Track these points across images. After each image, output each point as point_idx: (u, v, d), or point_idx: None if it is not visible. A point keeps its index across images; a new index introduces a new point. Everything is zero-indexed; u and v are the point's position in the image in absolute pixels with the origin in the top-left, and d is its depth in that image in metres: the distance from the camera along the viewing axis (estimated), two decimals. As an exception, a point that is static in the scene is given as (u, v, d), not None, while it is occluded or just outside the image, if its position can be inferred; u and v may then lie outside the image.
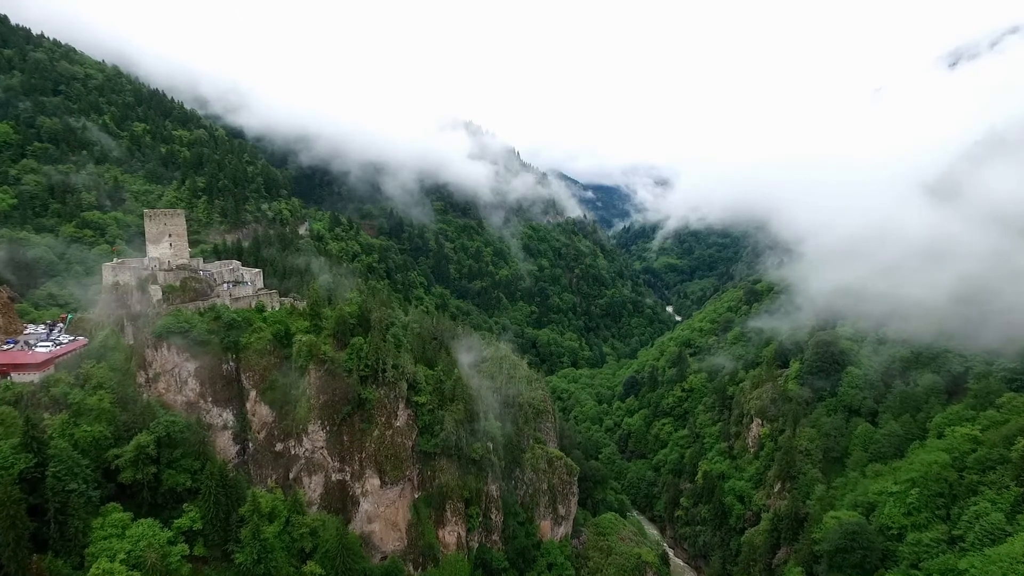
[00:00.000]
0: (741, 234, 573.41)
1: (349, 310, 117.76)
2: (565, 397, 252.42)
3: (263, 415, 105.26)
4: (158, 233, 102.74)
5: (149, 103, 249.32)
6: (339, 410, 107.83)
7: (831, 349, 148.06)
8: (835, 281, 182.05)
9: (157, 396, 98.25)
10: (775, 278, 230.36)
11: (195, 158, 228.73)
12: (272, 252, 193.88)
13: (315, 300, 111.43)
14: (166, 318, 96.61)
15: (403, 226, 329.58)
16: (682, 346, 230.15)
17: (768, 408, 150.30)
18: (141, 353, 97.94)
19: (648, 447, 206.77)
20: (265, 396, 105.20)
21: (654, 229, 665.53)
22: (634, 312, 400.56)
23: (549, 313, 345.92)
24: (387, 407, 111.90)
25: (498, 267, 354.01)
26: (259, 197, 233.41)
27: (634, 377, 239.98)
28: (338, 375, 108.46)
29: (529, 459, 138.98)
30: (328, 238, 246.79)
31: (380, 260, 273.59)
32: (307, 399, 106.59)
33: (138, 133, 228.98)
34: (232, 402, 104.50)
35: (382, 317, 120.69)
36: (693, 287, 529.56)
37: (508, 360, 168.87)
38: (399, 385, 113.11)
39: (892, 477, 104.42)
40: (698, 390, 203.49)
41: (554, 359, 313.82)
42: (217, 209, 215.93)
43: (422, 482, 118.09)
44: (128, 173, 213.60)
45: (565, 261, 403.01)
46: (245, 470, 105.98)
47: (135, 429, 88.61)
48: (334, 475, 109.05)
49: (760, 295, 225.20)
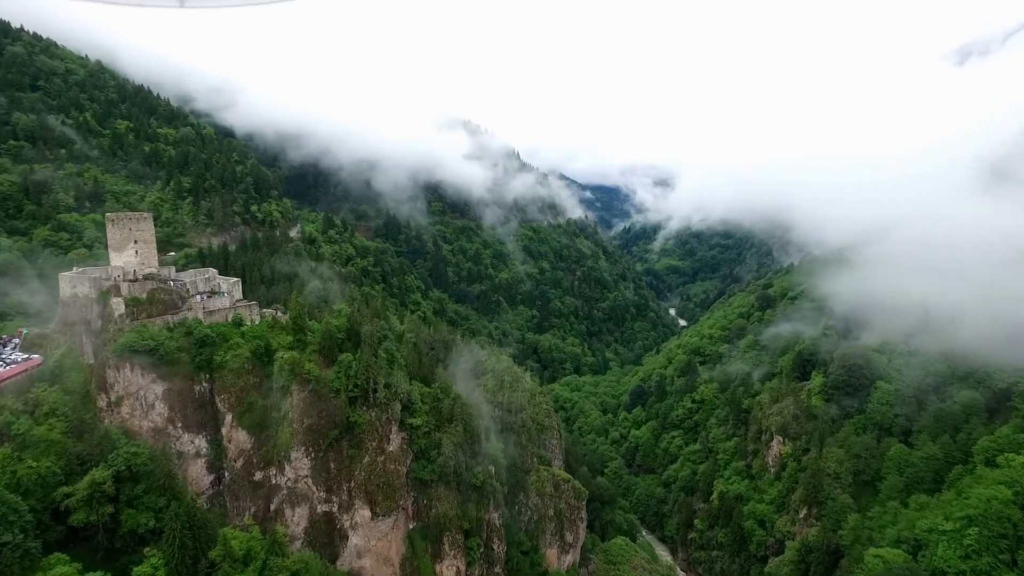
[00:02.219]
0: (744, 235, 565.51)
1: (337, 323, 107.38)
2: (568, 407, 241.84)
3: (240, 441, 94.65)
4: (122, 239, 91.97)
5: (133, 100, 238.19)
6: (325, 435, 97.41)
7: (859, 362, 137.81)
8: (857, 286, 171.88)
9: (120, 422, 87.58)
10: (789, 282, 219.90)
11: (181, 157, 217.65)
12: (260, 256, 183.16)
13: (298, 313, 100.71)
14: (129, 335, 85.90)
15: (400, 227, 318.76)
16: (691, 354, 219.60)
17: (790, 425, 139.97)
18: (102, 374, 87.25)
19: (657, 461, 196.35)
20: (242, 420, 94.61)
21: (655, 230, 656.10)
22: (637, 316, 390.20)
23: (550, 317, 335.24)
24: (378, 431, 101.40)
25: (498, 270, 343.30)
26: (248, 198, 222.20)
27: (641, 386, 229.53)
28: (324, 396, 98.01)
29: (534, 482, 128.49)
30: (321, 241, 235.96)
31: (375, 263, 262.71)
32: (289, 423, 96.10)
33: (121, 131, 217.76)
34: (206, 427, 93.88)
35: (373, 330, 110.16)
36: (696, 289, 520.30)
37: (510, 372, 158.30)
38: (392, 406, 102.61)
39: (942, 511, 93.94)
40: (710, 402, 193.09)
41: (556, 365, 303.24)
42: (203, 211, 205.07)
43: (417, 512, 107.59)
44: (109, 173, 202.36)
45: (566, 263, 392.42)
46: (220, 502, 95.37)
47: (90, 462, 78.04)
48: (320, 506, 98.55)
49: (773, 300, 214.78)
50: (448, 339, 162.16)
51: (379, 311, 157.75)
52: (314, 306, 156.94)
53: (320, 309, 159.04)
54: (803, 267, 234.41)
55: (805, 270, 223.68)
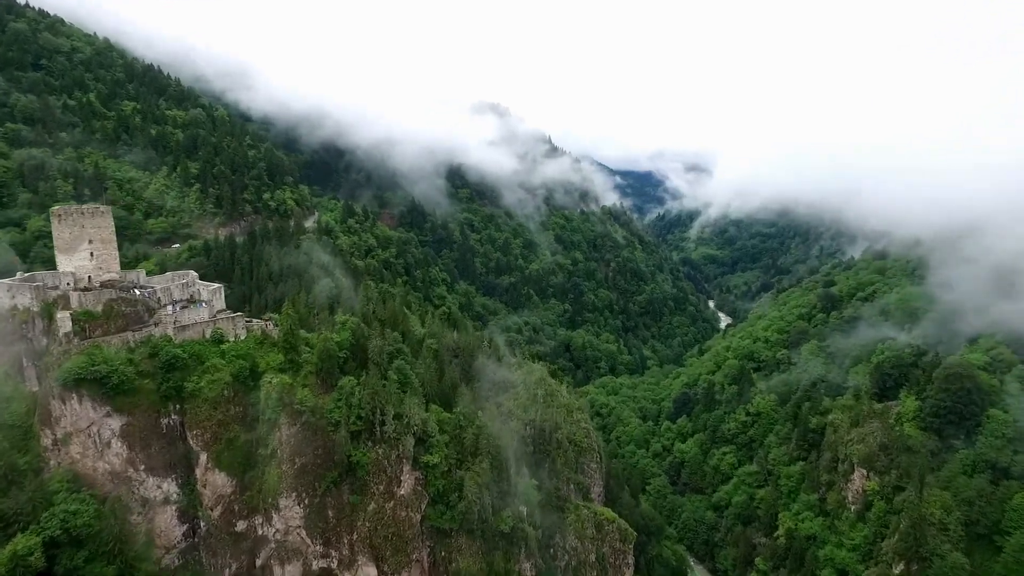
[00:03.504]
0: (787, 224, 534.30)
1: (339, 339, 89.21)
2: (605, 413, 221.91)
3: (218, 485, 77.68)
4: (72, 239, 75.13)
5: (142, 80, 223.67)
6: (322, 477, 79.95)
7: (965, 384, 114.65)
8: (949, 290, 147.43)
9: (70, 464, 71.21)
10: (857, 280, 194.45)
11: (189, 141, 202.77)
12: (269, 250, 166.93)
13: (290, 327, 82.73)
14: (76, 358, 69.08)
15: (425, 215, 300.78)
16: (744, 359, 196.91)
17: (877, 456, 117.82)
18: (46, 406, 70.78)
19: (706, 480, 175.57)
20: (221, 460, 77.54)
21: (691, 217, 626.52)
22: (676, 310, 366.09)
23: (584, 311, 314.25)
24: (387, 471, 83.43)
25: (528, 260, 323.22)
26: (261, 185, 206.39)
27: (686, 393, 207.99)
28: (321, 430, 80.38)
29: (573, 523, 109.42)
30: (338, 231, 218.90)
31: (398, 255, 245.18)
32: (278, 463, 78.81)
33: (127, 113, 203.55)
34: (176, 468, 77.04)
35: (383, 346, 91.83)
36: (736, 280, 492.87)
37: (544, 385, 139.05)
38: (403, 441, 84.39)
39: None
40: (767, 415, 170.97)
41: (590, 364, 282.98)
42: (211, 199, 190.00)
43: (434, 567, 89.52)
44: (112, 158, 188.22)
45: (600, 253, 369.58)
46: (195, 558, 78.73)
47: (18, 524, 61.68)
48: (315, 562, 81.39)
49: (840, 301, 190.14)
50: (475, 345, 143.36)
51: (396, 314, 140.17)
52: (324, 307, 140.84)
53: (332, 310, 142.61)
54: (871, 263, 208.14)
55: (875, 266, 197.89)
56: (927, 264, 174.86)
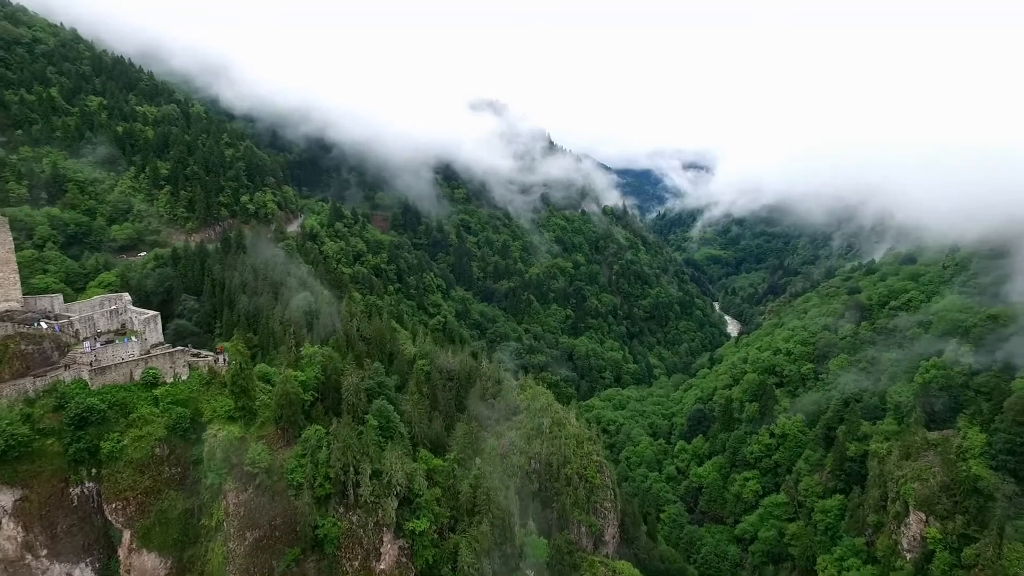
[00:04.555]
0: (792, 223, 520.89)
1: (304, 377, 72.99)
2: (612, 430, 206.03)
3: (148, 569, 61.57)
4: (-46, 259, 58.78)
5: (110, 73, 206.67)
6: (280, 554, 63.97)
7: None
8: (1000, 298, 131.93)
9: (-52, 550, 54.96)
10: (887, 288, 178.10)
11: (160, 139, 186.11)
12: (244, 259, 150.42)
13: (239, 366, 66.40)
14: (-50, 418, 52.85)
15: (419, 217, 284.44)
16: (764, 374, 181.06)
17: (937, 497, 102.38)
18: (-86, 477, 54.59)
19: (727, 509, 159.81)
20: (151, 537, 61.42)
21: (692, 216, 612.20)
22: (682, 314, 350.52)
23: (587, 318, 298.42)
24: (362, 543, 67.32)
25: (528, 264, 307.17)
26: (239, 186, 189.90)
27: (701, 410, 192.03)
28: (279, 495, 64.49)
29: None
30: (324, 236, 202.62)
31: (389, 260, 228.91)
32: (225, 538, 62.66)
33: (92, 109, 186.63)
34: (91, 551, 60.96)
35: (358, 384, 75.74)
36: (741, 282, 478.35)
37: (550, 412, 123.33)
38: (383, 505, 68.26)
39: None
40: (793, 438, 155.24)
41: (594, 374, 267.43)
42: (183, 202, 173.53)
43: (423, 655, 73.51)
44: (73, 158, 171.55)
45: (603, 256, 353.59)
46: (120, 660, 62.50)
47: None
48: (274, 659, 65.20)
49: (870, 311, 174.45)
50: (472, 366, 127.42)
51: (383, 331, 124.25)
52: (301, 324, 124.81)
53: (310, 327, 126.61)
54: (900, 268, 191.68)
55: (907, 272, 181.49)
56: (969, 270, 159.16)
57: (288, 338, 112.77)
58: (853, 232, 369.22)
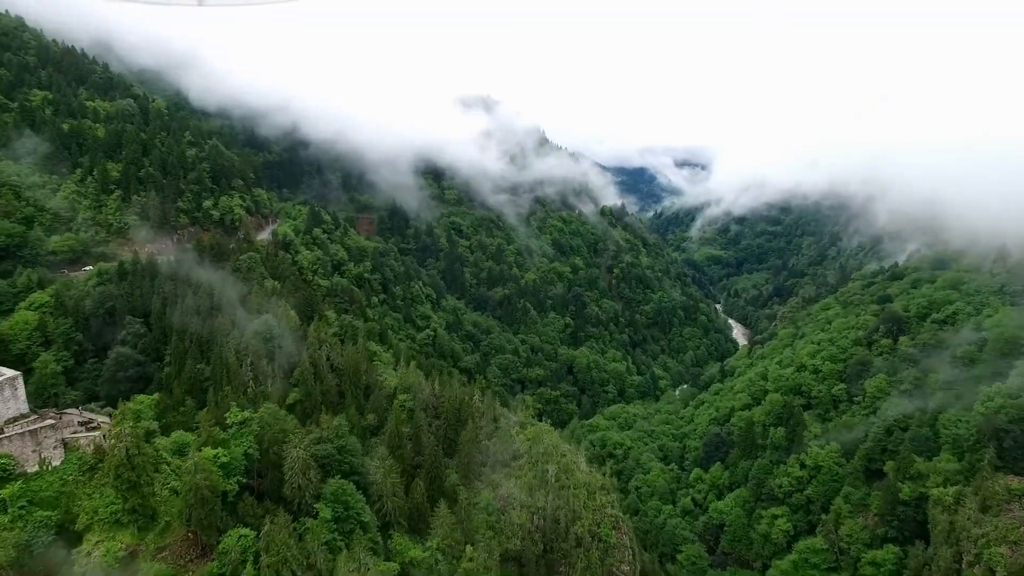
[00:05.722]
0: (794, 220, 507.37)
1: (229, 457, 53.60)
2: (619, 455, 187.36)
3: None
4: None
5: (58, 64, 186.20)
6: None
7: None
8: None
9: None
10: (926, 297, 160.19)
11: (112, 138, 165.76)
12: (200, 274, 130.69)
13: (126, 452, 46.91)
14: None
15: (407, 220, 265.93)
16: (789, 394, 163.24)
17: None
18: None
19: (753, 551, 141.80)
20: None
21: (690, 215, 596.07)
22: (686, 320, 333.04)
23: (586, 326, 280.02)
24: None
25: (524, 269, 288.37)
26: (202, 190, 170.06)
27: (718, 434, 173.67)
28: (186, 637, 44.93)
29: None
30: (298, 244, 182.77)
31: (374, 269, 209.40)
32: None
33: (34, 104, 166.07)
34: None
35: (306, 459, 56.57)
36: (743, 283, 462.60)
37: (556, 454, 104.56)
38: (339, 639, 49.12)
39: None
40: (829, 470, 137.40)
41: (596, 388, 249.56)
42: (136, 209, 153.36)
43: None
44: (10, 159, 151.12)
45: (603, 260, 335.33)
46: None
47: None
48: None
49: (907, 323, 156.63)
50: (463, 400, 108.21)
51: (358, 360, 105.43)
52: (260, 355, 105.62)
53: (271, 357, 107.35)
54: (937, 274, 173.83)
55: (947, 280, 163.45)
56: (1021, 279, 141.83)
57: (244, 371, 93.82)
58: (864, 230, 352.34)
